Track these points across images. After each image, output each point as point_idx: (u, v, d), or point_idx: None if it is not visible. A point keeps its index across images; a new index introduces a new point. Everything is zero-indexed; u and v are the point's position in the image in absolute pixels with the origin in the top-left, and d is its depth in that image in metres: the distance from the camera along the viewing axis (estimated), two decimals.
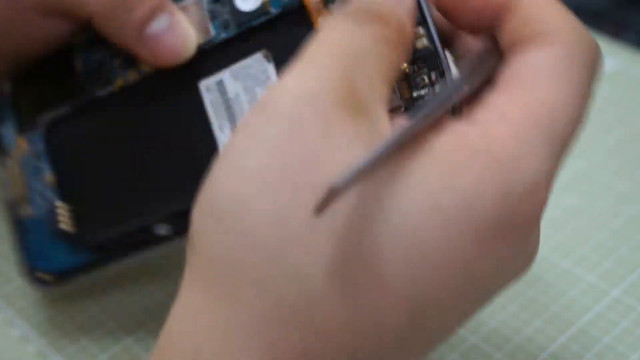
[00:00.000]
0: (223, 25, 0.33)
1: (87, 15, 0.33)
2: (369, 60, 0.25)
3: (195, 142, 0.32)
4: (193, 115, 0.32)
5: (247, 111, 0.31)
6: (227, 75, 0.32)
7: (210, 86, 0.32)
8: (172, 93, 0.33)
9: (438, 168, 0.23)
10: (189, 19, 0.33)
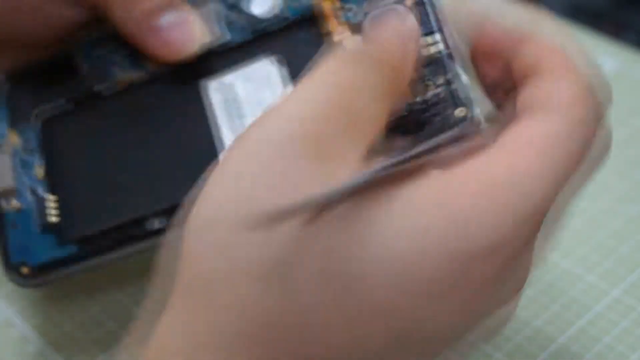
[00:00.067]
0: (238, 30, 0.33)
1: (98, 2, 0.33)
2: (352, 107, 0.25)
3: (198, 140, 0.32)
4: (197, 114, 0.33)
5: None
6: (236, 77, 0.33)
7: (218, 87, 0.33)
8: (177, 91, 0.33)
9: (388, 219, 0.24)
10: (203, 21, 0.33)
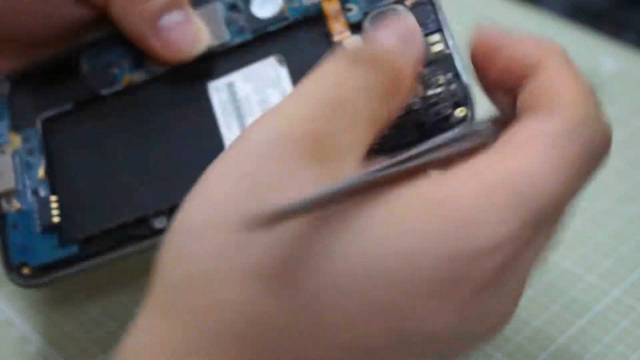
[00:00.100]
0: (238, 30, 0.34)
1: (102, 1, 0.33)
2: (351, 107, 0.25)
3: (199, 140, 0.33)
4: (199, 114, 0.33)
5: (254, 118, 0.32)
6: (238, 77, 0.33)
7: (219, 87, 0.33)
8: (179, 91, 0.33)
9: (389, 217, 0.23)
10: (204, 23, 0.33)
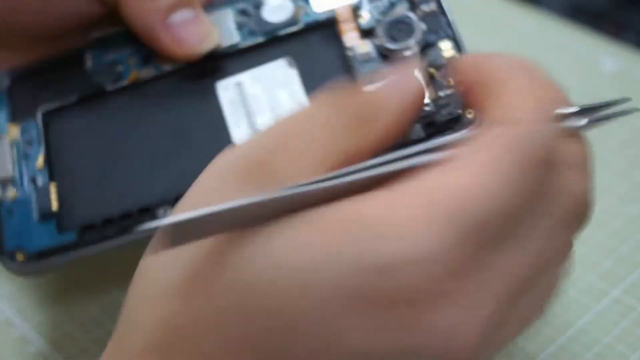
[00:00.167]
0: (249, 33, 0.34)
1: None
2: (302, 141, 0.25)
3: (207, 134, 0.33)
4: (207, 109, 0.33)
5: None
6: (247, 77, 0.33)
7: (228, 85, 0.33)
8: (186, 88, 0.34)
9: (299, 233, 0.23)
10: (214, 23, 0.34)
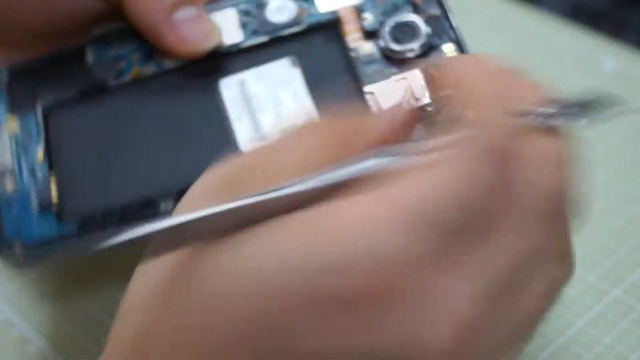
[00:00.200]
0: (252, 32, 0.34)
1: None
2: (277, 162, 0.25)
3: (210, 130, 0.33)
4: (209, 106, 0.33)
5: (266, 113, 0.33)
6: (250, 75, 0.33)
7: (230, 83, 0.33)
8: (190, 85, 0.34)
9: (262, 240, 0.23)
10: (218, 21, 0.34)
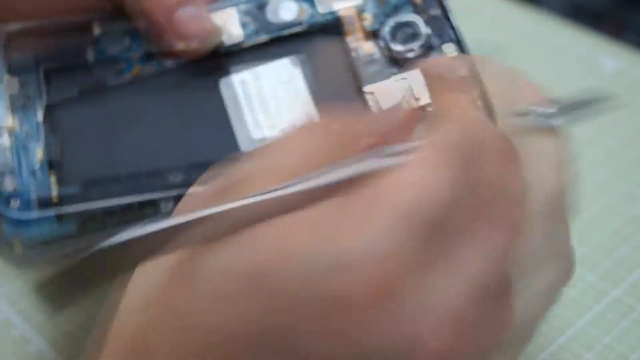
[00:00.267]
0: (253, 32, 0.35)
1: None
2: (275, 160, 0.26)
3: (210, 129, 0.33)
4: (210, 105, 0.33)
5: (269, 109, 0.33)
6: (251, 74, 0.34)
7: (231, 82, 0.34)
8: (191, 84, 0.34)
9: (255, 241, 0.24)
10: (219, 20, 0.34)
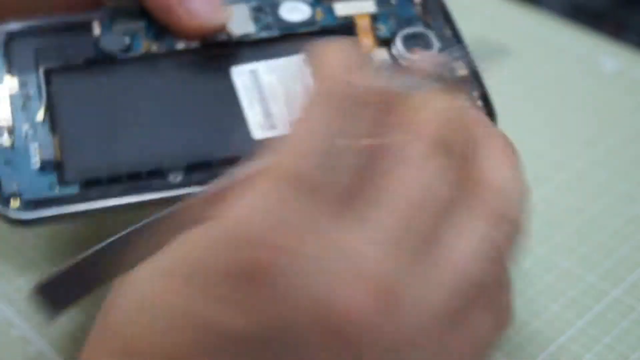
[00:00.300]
0: (265, 27, 0.35)
1: None
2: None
3: (220, 109, 0.34)
4: (221, 88, 0.34)
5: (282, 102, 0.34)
6: (262, 66, 0.34)
7: (243, 72, 0.34)
8: (202, 67, 0.35)
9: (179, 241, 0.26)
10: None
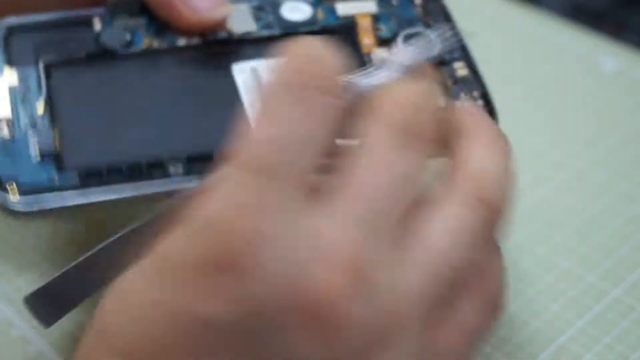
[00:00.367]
0: (266, 25, 0.35)
1: None
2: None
3: (220, 103, 0.34)
4: (221, 83, 0.34)
5: None
6: (263, 64, 0.34)
7: (243, 69, 0.34)
8: (203, 63, 0.35)
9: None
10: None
